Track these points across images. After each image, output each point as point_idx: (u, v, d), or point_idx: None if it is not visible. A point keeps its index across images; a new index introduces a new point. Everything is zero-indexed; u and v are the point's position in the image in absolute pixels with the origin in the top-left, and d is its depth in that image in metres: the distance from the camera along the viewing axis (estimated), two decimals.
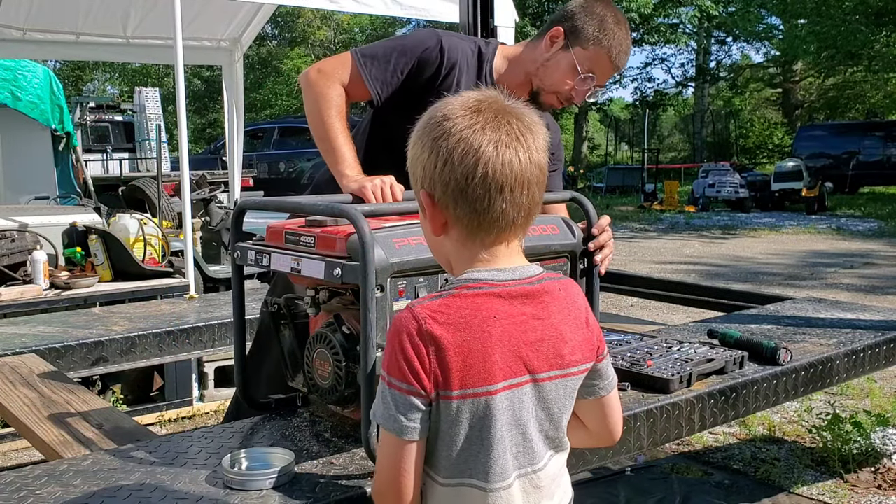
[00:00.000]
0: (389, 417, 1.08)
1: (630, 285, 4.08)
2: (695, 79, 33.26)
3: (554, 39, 2.09)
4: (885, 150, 21.20)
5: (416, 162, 1.13)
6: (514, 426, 1.10)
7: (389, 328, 1.11)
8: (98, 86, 32.12)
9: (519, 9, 6.51)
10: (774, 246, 11.65)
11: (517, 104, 1.13)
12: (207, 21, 6.75)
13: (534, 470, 1.14)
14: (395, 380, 1.07)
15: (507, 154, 1.08)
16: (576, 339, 1.15)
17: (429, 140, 1.11)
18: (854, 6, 20.24)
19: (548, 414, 1.14)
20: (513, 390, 1.09)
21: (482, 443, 1.09)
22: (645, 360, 2.15)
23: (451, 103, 1.12)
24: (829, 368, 2.41)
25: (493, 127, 1.08)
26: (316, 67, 2.08)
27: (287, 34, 37.61)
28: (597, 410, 1.24)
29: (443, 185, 1.10)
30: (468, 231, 1.12)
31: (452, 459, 1.10)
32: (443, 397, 1.06)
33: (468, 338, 1.06)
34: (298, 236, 1.70)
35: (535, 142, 1.11)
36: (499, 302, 1.09)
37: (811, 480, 3.20)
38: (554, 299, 1.14)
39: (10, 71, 8.37)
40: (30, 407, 2.14)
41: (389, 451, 1.10)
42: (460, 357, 1.06)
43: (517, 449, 1.12)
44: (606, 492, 3.10)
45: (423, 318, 1.06)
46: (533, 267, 1.16)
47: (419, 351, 1.05)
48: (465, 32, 3.60)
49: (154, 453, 1.64)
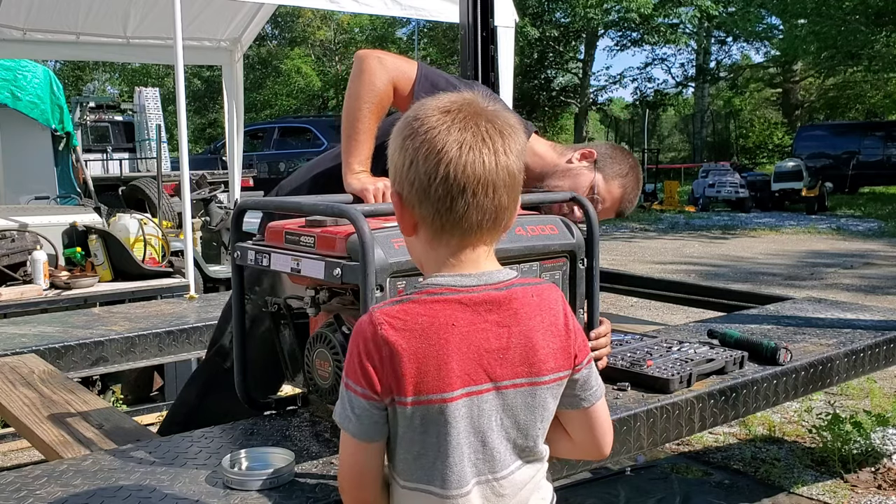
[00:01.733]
0: (346, 418, 1.10)
1: (630, 285, 4.08)
2: (695, 79, 33.23)
3: (585, 157, 2.18)
4: (885, 150, 21.17)
5: (389, 161, 1.14)
6: (472, 433, 1.09)
7: (352, 331, 1.11)
8: (98, 86, 32.10)
9: (519, 9, 6.51)
10: (774, 246, 11.65)
11: (496, 108, 1.12)
12: (207, 21, 6.75)
13: (495, 478, 1.12)
14: (351, 382, 1.08)
15: (470, 155, 1.06)
16: (549, 346, 1.13)
17: (399, 140, 1.12)
18: (854, 6, 20.23)
19: (514, 422, 1.12)
20: (472, 398, 1.08)
21: (439, 449, 1.09)
22: (645, 360, 2.15)
23: (426, 104, 1.12)
24: (829, 368, 2.41)
25: (460, 128, 1.07)
26: (378, 55, 2.03)
27: (287, 34, 37.59)
28: (581, 422, 1.22)
29: (409, 184, 1.09)
30: (433, 232, 1.11)
31: (410, 464, 1.11)
32: (398, 402, 1.07)
33: (423, 345, 1.06)
34: (298, 236, 1.70)
35: (504, 145, 1.09)
36: (459, 308, 1.08)
37: (811, 480, 3.20)
38: (524, 306, 1.12)
39: (10, 71, 8.37)
40: (30, 407, 2.14)
41: (348, 450, 1.12)
42: (415, 364, 1.05)
43: (476, 456, 1.10)
44: (606, 492, 3.10)
45: (380, 324, 1.06)
46: (503, 272, 1.14)
47: (372, 356, 1.06)
48: (465, 32, 3.60)
49: (154, 453, 1.64)
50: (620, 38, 31.23)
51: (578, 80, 32.04)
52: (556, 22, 29.37)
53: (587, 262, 1.85)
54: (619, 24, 29.21)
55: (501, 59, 5.39)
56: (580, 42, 31.19)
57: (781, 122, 33.01)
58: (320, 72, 36.15)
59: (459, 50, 3.82)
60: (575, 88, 32.15)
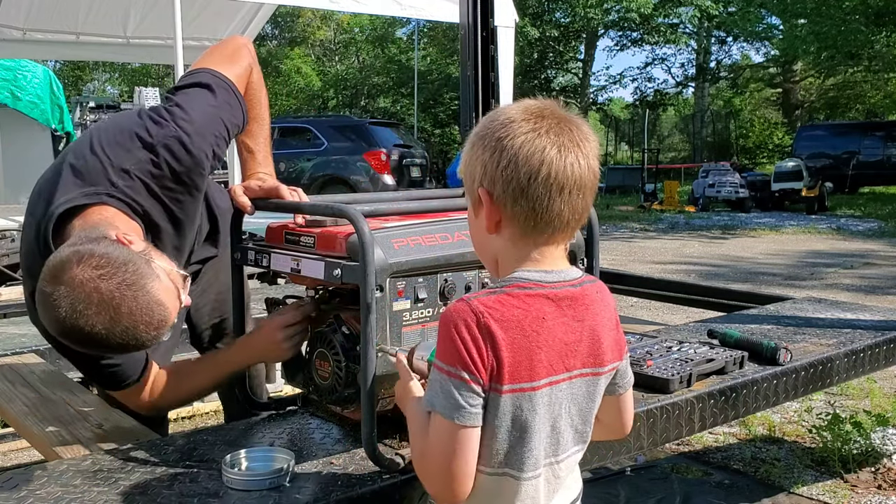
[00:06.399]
0: (451, 405, 1.11)
1: (630, 285, 4.08)
2: (695, 79, 33.25)
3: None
4: (885, 150, 21.17)
5: (475, 161, 1.18)
6: (548, 420, 1.16)
7: (442, 320, 1.14)
8: (98, 86, 32.13)
9: (519, 9, 6.51)
10: (774, 246, 11.65)
11: (573, 114, 1.19)
12: (207, 21, 6.76)
13: (557, 461, 1.20)
14: (455, 368, 1.11)
15: (569, 157, 1.14)
16: (608, 339, 1.22)
17: (492, 140, 1.16)
18: (854, 6, 20.24)
19: (579, 409, 1.21)
20: (552, 387, 1.15)
21: (521, 435, 1.15)
22: (645, 360, 2.15)
23: (509, 110, 1.18)
24: (829, 368, 2.41)
25: (555, 132, 1.14)
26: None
27: (287, 34, 37.61)
28: (615, 406, 1.31)
29: (504, 183, 1.14)
30: (523, 230, 1.17)
31: (493, 450, 1.15)
32: (493, 390, 1.12)
33: (519, 335, 1.12)
34: (298, 236, 1.70)
35: (591, 150, 1.17)
36: (547, 303, 1.15)
37: (811, 480, 3.20)
38: (592, 302, 1.20)
39: (10, 71, 8.38)
40: (30, 407, 2.14)
41: (448, 438, 1.13)
42: (511, 353, 1.11)
43: (547, 440, 1.18)
44: (606, 492, 3.10)
45: (481, 313, 1.11)
46: (574, 270, 1.22)
47: (478, 343, 1.10)
48: (465, 32, 3.60)
49: (154, 453, 1.64)
50: (620, 38, 31.27)
51: (578, 80, 32.07)
52: (556, 22, 29.38)
53: (587, 261, 1.85)
54: (619, 24, 29.23)
55: (501, 59, 5.40)
56: (580, 42, 31.22)
57: (781, 122, 32.99)
58: (320, 72, 36.15)
59: (459, 50, 3.82)
60: (575, 88, 32.17)
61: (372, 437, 1.48)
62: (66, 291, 1.40)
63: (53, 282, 1.42)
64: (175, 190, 1.75)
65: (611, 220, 15.38)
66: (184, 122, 1.74)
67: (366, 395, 1.47)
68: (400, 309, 1.57)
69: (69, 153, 1.77)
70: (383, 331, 1.54)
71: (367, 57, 36.03)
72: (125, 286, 1.43)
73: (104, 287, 1.41)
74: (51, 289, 1.42)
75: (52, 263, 1.45)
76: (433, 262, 1.60)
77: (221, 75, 1.85)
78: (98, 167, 1.69)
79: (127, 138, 1.72)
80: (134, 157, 1.70)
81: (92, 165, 1.69)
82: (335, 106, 34.28)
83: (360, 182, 13.11)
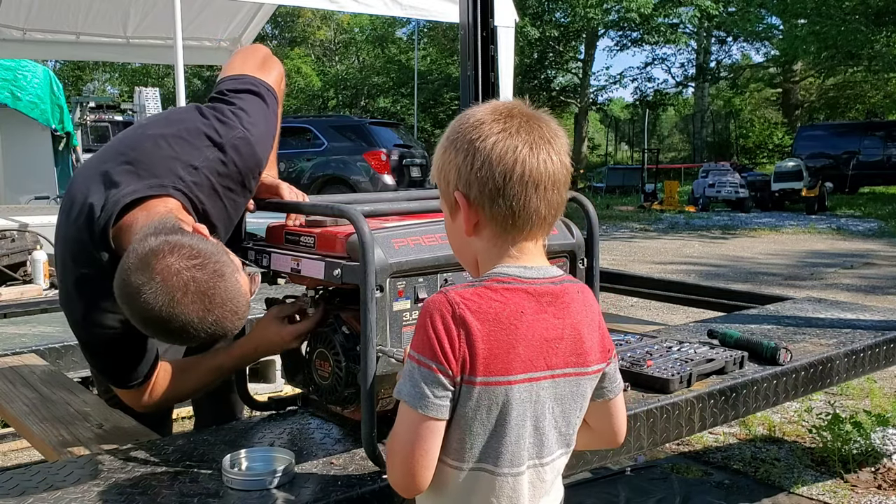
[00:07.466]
0: (416, 394, 1.11)
1: (630, 285, 4.08)
2: (695, 79, 33.25)
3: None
4: (885, 150, 21.18)
5: (449, 165, 1.18)
6: (528, 418, 1.15)
7: (421, 310, 1.14)
8: (98, 86, 32.12)
9: (519, 9, 6.51)
10: (774, 246, 11.65)
11: (540, 112, 1.19)
12: (207, 21, 6.76)
13: (541, 463, 1.19)
14: (425, 358, 1.11)
15: (541, 154, 1.14)
16: (592, 340, 1.20)
17: (464, 142, 1.16)
18: (854, 6, 20.24)
19: (562, 410, 1.19)
20: (531, 383, 1.14)
21: (496, 430, 1.14)
22: (645, 360, 2.15)
23: (476, 112, 1.18)
24: (829, 368, 2.41)
25: (526, 130, 1.15)
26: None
27: (287, 34, 37.61)
28: (603, 412, 1.29)
29: (480, 184, 1.14)
30: (501, 229, 1.16)
31: (467, 444, 1.14)
32: (466, 382, 1.11)
33: (496, 329, 1.11)
34: (298, 236, 1.70)
35: (561, 146, 1.17)
36: (526, 298, 1.14)
37: (811, 480, 3.20)
38: (573, 300, 1.19)
39: (10, 71, 8.38)
40: (30, 407, 2.14)
41: (410, 427, 1.12)
42: (486, 345, 1.10)
43: (529, 440, 1.16)
44: (606, 492, 3.10)
45: (457, 304, 1.11)
46: (554, 268, 1.21)
47: (451, 334, 1.10)
48: (465, 32, 3.60)
49: (154, 453, 1.64)
50: (620, 38, 31.25)
51: (578, 80, 32.06)
52: (556, 22, 29.38)
53: (587, 261, 1.85)
54: (619, 24, 29.22)
55: (501, 59, 5.40)
56: (580, 42, 31.21)
57: (781, 122, 33.00)
58: (320, 72, 36.17)
59: (459, 50, 3.82)
60: (575, 88, 32.17)
61: (372, 437, 1.47)
62: (161, 280, 1.39)
63: (144, 270, 1.40)
64: (235, 191, 1.77)
65: (611, 220, 15.39)
66: (250, 125, 1.78)
67: (366, 395, 1.47)
68: (400, 309, 1.57)
69: (117, 145, 1.77)
70: (383, 331, 1.54)
71: (367, 57, 36.06)
72: (217, 276, 1.43)
73: (200, 277, 1.41)
74: (144, 278, 1.40)
75: (139, 252, 1.43)
76: (433, 262, 1.60)
77: (269, 85, 1.90)
78: (164, 161, 1.69)
79: (194, 136, 1.73)
80: (202, 155, 1.71)
81: (156, 159, 1.69)
82: (335, 106, 34.30)
83: (360, 182, 13.10)
